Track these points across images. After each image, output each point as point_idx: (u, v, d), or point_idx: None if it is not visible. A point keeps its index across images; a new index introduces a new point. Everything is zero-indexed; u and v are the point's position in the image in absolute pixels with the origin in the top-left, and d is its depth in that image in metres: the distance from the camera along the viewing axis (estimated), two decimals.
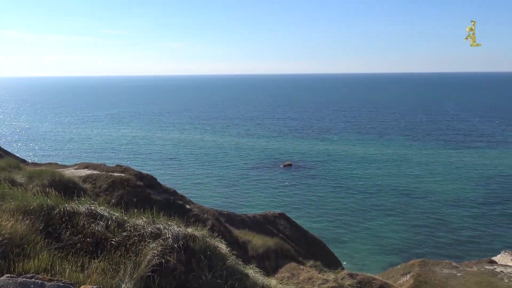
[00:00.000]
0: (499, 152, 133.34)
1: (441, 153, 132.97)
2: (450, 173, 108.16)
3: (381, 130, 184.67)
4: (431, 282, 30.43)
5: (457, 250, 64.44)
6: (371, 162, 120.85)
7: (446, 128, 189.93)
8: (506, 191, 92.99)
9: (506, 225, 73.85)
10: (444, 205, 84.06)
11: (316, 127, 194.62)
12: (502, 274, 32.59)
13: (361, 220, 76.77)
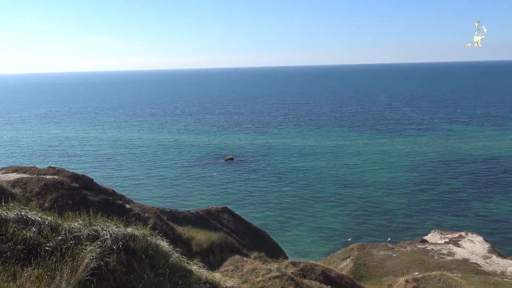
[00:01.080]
0: (427, 139, 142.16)
1: (375, 142, 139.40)
2: (384, 161, 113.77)
3: (319, 121, 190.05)
4: (369, 264, 31.94)
5: (393, 232, 68.06)
6: (310, 153, 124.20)
7: (379, 117, 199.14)
8: (435, 175, 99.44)
9: (435, 206, 79.07)
10: (379, 192, 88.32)
11: (256, 121, 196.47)
12: (432, 252, 34.92)
13: (302, 210, 78.83)
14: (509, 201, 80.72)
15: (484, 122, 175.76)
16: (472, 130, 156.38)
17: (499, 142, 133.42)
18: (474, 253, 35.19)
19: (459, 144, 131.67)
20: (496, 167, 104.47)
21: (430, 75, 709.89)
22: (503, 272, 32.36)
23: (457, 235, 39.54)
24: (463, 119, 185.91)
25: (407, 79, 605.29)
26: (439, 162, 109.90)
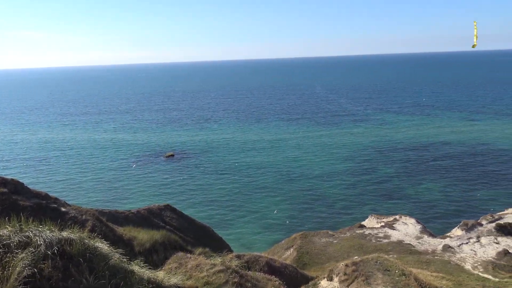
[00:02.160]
0: (363, 129, 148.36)
1: (314, 134, 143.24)
2: (323, 152, 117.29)
3: (259, 115, 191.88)
4: (312, 252, 32.92)
5: (333, 220, 70.53)
6: (252, 147, 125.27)
7: (317, 109, 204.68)
8: (370, 163, 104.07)
9: (372, 193, 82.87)
10: (319, 182, 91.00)
11: (196, 116, 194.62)
12: (370, 236, 36.61)
13: (246, 203, 79.47)
14: (438, 184, 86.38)
15: (413, 112, 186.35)
16: (403, 120, 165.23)
17: (428, 130, 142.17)
18: (407, 234, 37.36)
19: (391, 133, 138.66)
20: (426, 153, 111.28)
21: (364, 68, 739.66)
22: (433, 250, 34.66)
23: (392, 219, 41.76)
24: (394, 109, 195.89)
25: (342, 71, 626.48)
26: (374, 151, 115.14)
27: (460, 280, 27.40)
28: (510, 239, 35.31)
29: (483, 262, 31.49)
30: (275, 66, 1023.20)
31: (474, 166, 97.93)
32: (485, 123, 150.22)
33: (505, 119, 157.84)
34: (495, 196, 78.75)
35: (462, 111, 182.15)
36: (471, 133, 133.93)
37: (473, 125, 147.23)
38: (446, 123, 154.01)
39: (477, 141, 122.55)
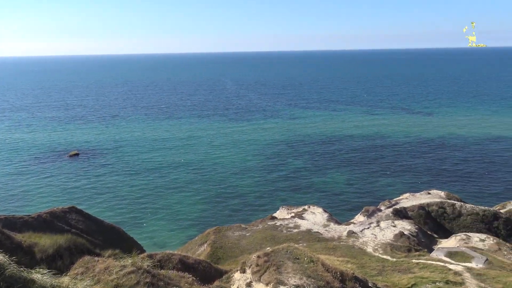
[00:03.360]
0: (272, 124, 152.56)
1: (226, 129, 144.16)
2: (235, 147, 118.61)
3: (170, 111, 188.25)
4: (226, 246, 33.26)
5: (247, 213, 71.78)
6: (163, 144, 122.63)
7: (228, 105, 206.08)
8: (280, 156, 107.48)
9: (282, 185, 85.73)
10: (232, 177, 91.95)
11: (102, 113, 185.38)
12: (281, 227, 37.92)
13: (157, 201, 77.72)
14: (343, 175, 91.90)
15: (320, 107, 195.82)
16: (311, 114, 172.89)
17: (333, 124, 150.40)
18: (316, 223, 39.35)
19: (300, 128, 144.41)
20: (331, 146, 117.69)
21: (273, 64, 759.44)
22: (339, 237, 36.91)
23: (301, 209, 43.66)
24: (302, 104, 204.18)
25: (253, 67, 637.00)
26: (284, 145, 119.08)
27: (363, 263, 29.55)
28: (405, 222, 38.82)
29: (383, 244, 34.25)
30: (185, 61, 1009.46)
31: (374, 157, 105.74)
32: (383, 117, 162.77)
33: (400, 113, 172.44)
34: (392, 183, 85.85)
35: (363, 106, 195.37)
36: (371, 126, 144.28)
37: (373, 119, 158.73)
38: (350, 117, 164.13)
39: (377, 134, 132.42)
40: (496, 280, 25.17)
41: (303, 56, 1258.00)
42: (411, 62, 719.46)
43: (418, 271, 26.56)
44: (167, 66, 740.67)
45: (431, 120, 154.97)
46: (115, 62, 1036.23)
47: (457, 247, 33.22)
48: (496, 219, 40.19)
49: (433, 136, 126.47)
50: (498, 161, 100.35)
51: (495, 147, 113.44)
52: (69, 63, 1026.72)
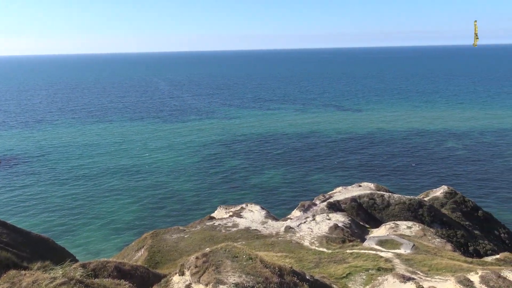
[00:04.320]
0: (208, 124, 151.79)
1: (160, 130, 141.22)
2: (170, 148, 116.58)
3: (100, 114, 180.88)
4: (164, 249, 32.63)
5: (185, 215, 70.86)
6: (93, 148, 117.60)
7: (162, 106, 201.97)
8: (216, 157, 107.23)
9: (220, 185, 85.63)
10: (168, 178, 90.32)
11: (25, 117, 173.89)
12: (220, 227, 37.88)
13: (90, 207, 74.45)
14: (279, 172, 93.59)
15: (254, 106, 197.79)
16: (245, 114, 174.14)
17: (267, 122, 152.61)
18: (254, 221, 39.74)
19: (235, 127, 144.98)
20: (267, 144, 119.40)
21: (207, 64, 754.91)
22: (277, 233, 37.57)
23: (239, 208, 43.88)
24: (237, 104, 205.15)
25: (186, 67, 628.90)
26: (220, 145, 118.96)
27: (301, 256, 30.30)
28: (339, 215, 40.36)
29: (319, 237, 35.36)
30: (115, 61, 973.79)
31: (309, 153, 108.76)
32: (316, 115, 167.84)
33: (331, 110, 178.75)
34: (326, 178, 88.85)
35: (296, 104, 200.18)
36: (304, 124, 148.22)
37: (306, 117, 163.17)
38: (284, 115, 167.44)
39: (310, 131, 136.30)
40: (422, 263, 26.97)
41: (235, 56, 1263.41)
42: (339, 61, 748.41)
43: (352, 260, 27.73)
44: (95, 67, 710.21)
45: (361, 116, 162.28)
46: (37, 63, 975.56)
47: (387, 235, 35.12)
48: (421, 207, 42.98)
49: (362, 132, 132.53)
50: (421, 154, 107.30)
51: (419, 140, 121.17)
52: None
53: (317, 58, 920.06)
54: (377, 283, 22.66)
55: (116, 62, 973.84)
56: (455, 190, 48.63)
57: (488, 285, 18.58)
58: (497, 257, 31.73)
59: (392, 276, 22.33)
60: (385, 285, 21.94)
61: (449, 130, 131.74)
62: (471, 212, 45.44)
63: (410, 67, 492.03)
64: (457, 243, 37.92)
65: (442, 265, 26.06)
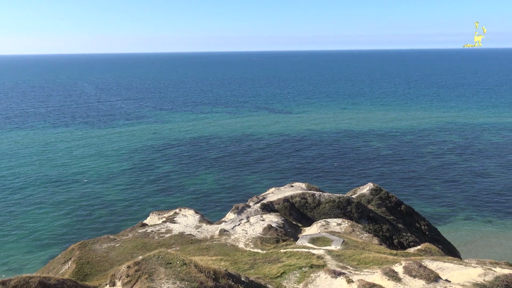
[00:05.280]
0: (138, 128, 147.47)
1: (86, 136, 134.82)
2: (98, 154, 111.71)
3: (18, 120, 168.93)
4: (93, 260, 31.15)
5: (115, 223, 68.22)
6: (11, 158, 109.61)
7: (88, 110, 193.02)
8: (148, 160, 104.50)
9: (152, 190, 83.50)
10: (96, 185, 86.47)
11: None
12: (153, 233, 36.91)
13: (9, 222, 69.22)
14: (212, 175, 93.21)
15: (186, 109, 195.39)
16: (177, 117, 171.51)
17: (199, 125, 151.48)
18: (188, 225, 39.16)
19: (166, 131, 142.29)
20: (199, 147, 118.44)
21: (136, 66, 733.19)
22: (212, 236, 37.35)
23: (172, 213, 43.01)
24: (169, 107, 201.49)
25: (113, 70, 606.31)
26: (151, 149, 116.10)
27: (236, 259, 30.36)
28: (272, 215, 40.98)
29: (253, 238, 35.65)
30: (38, 64, 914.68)
31: (241, 156, 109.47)
32: (249, 117, 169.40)
33: (263, 113, 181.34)
34: (259, 179, 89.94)
35: (229, 107, 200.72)
36: (237, 126, 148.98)
37: (239, 119, 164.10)
38: (216, 118, 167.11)
39: (243, 133, 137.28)
40: (352, 258, 28.16)
41: (164, 58, 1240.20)
42: (269, 64, 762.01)
43: (286, 259, 28.28)
44: (13, 69, 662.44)
45: (292, 118, 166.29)
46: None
47: (319, 233, 36.24)
48: (349, 204, 44.84)
49: (294, 134, 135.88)
50: (349, 153, 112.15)
51: (347, 140, 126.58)
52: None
53: (247, 61, 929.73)
54: (310, 279, 23.31)
55: (40, 64, 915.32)
56: (380, 187, 51.29)
57: (410, 274, 19.80)
58: (419, 248, 33.95)
59: (324, 272, 23.07)
60: (317, 281, 22.62)
61: (374, 131, 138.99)
62: (395, 207, 48.21)
63: (337, 70, 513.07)
64: (383, 237, 40.02)
65: (369, 259, 27.37)
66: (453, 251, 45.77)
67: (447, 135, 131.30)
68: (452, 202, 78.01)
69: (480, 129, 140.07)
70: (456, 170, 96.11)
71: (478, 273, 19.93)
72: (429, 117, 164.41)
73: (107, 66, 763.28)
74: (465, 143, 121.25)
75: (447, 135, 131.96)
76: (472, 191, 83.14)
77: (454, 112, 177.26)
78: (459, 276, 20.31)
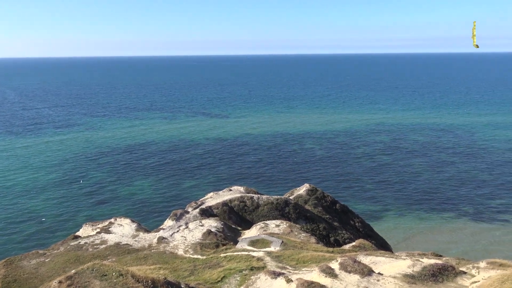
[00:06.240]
0: (67, 136, 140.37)
1: (10, 146, 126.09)
2: (23, 165, 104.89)
3: None
4: (21, 278, 29.19)
5: (45, 237, 64.39)
6: None
7: (12, 118, 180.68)
8: (79, 170, 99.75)
9: (84, 200, 79.79)
10: (23, 198, 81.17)
11: None
12: (86, 245, 35.26)
13: None
14: (148, 182, 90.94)
15: (119, 115, 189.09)
16: (110, 123, 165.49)
17: (134, 131, 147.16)
18: (124, 235, 37.83)
19: (99, 138, 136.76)
20: (134, 154, 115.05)
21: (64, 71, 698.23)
22: (150, 245, 36.38)
23: (107, 223, 41.34)
24: (101, 113, 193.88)
25: (36, 75, 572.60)
26: (83, 157, 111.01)
27: (175, 266, 29.82)
28: (212, 220, 40.74)
29: (193, 245, 35.19)
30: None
31: (179, 161, 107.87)
32: (185, 122, 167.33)
33: (200, 117, 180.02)
34: (198, 184, 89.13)
35: (164, 112, 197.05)
36: (174, 132, 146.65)
37: (175, 125, 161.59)
38: (152, 124, 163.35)
39: (180, 138, 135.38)
40: (290, 258, 28.72)
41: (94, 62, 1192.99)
42: (205, 68, 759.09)
43: (226, 263, 28.24)
44: None
45: (229, 122, 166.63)
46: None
47: (258, 235, 36.56)
48: (287, 205, 45.70)
49: (231, 138, 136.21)
50: (286, 155, 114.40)
51: (283, 143, 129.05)
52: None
53: (184, 65, 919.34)
54: (251, 282, 23.44)
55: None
56: (316, 187, 52.80)
57: (346, 270, 20.55)
58: (354, 244, 35.33)
59: (264, 273, 23.31)
60: (258, 283, 22.80)
61: (309, 133, 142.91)
62: (331, 206, 49.84)
63: (273, 75, 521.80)
64: (320, 236, 41.21)
65: (308, 258, 28.08)
66: (385, 245, 48.14)
67: (377, 136, 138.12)
68: (383, 199, 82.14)
69: (406, 130, 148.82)
70: (387, 169, 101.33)
71: (407, 264, 21.12)
72: (361, 119, 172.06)
73: (30, 70, 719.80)
74: (394, 143, 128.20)
75: (377, 136, 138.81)
76: (401, 189, 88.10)
77: (383, 114, 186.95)
78: (390, 269, 21.40)
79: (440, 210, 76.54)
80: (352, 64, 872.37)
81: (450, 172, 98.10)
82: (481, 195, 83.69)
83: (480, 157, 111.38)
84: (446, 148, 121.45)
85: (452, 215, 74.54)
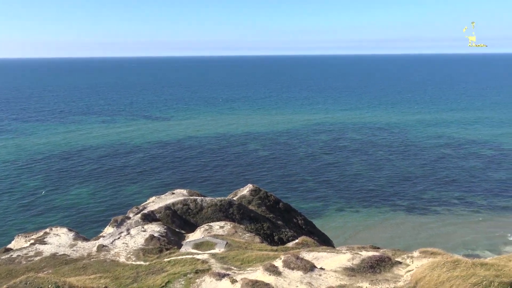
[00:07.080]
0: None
1: None
2: None
3: None
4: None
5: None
6: None
7: None
8: (8, 179, 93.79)
9: (15, 211, 75.16)
10: None
11: None
12: (19, 258, 33.23)
13: None
14: (87, 189, 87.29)
15: (52, 119, 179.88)
16: (43, 128, 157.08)
17: (70, 136, 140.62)
18: (61, 245, 36.02)
19: (30, 143, 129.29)
20: (70, 160, 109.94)
21: None
22: (89, 254, 34.92)
23: (42, 233, 39.17)
24: (34, 118, 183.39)
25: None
26: (13, 165, 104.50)
27: (117, 274, 28.84)
28: (154, 225, 39.83)
29: (135, 251, 34.21)
30: None
31: (119, 166, 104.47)
32: (125, 126, 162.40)
33: (140, 121, 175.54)
34: (139, 189, 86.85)
35: (102, 116, 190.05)
36: (113, 136, 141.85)
37: (114, 128, 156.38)
38: (89, 128, 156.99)
39: (119, 142, 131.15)
40: (235, 258, 28.76)
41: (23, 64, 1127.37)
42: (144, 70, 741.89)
43: (171, 268, 27.72)
44: None
45: (171, 125, 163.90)
46: None
47: (202, 237, 36.24)
48: (231, 206, 45.70)
49: (174, 141, 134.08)
50: (229, 156, 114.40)
51: (226, 144, 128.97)
52: None
53: (122, 67, 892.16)
54: (196, 285, 23.19)
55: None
56: (259, 187, 53.28)
57: (289, 267, 20.93)
58: (297, 241, 36.06)
59: (209, 275, 23.17)
60: (203, 285, 22.62)
61: (252, 134, 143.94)
62: (274, 205, 50.51)
63: (216, 76, 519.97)
64: (264, 235, 41.62)
65: (252, 257, 28.26)
66: (327, 241, 49.55)
67: (318, 136, 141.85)
68: (327, 198, 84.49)
69: (346, 129, 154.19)
70: (326, 167, 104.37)
71: (347, 258, 21.89)
72: (301, 119, 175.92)
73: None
74: (334, 142, 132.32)
75: (318, 135, 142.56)
76: (344, 188, 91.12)
77: (322, 113, 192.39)
78: (331, 263, 22.06)
79: (382, 207, 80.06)
80: (288, 66, 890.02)
81: (388, 169, 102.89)
82: (418, 190, 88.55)
83: (413, 154, 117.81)
84: (383, 146, 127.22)
85: (393, 210, 78.25)
